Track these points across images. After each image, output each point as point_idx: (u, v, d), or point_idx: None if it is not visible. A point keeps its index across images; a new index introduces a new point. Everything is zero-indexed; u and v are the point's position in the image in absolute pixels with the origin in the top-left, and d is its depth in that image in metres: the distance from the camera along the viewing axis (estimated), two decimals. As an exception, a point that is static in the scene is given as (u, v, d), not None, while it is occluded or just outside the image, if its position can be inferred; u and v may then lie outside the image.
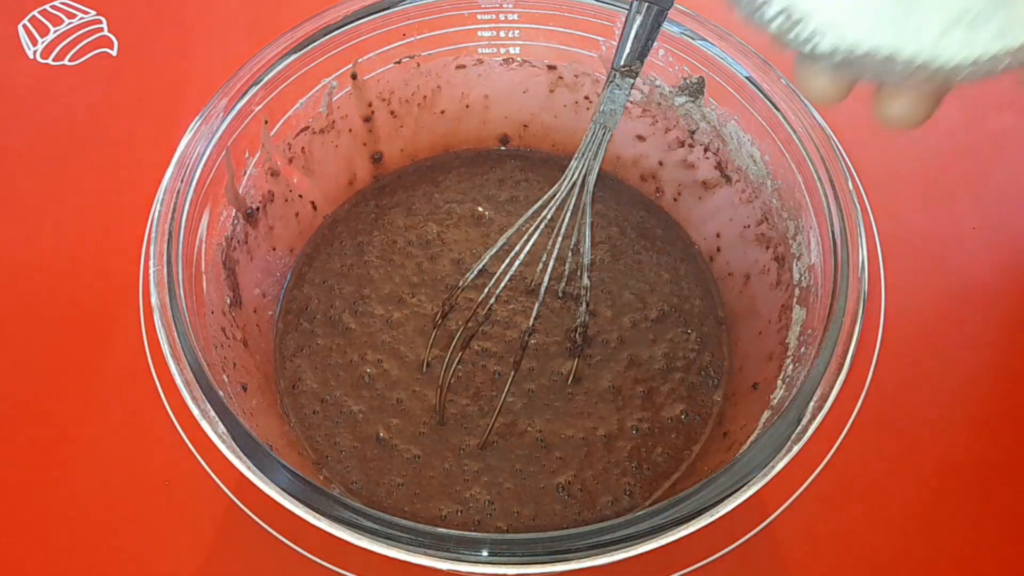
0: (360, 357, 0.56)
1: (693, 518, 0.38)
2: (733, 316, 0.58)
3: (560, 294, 0.57)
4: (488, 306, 0.54)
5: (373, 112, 0.60)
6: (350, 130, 0.60)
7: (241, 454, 0.39)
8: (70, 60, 0.73)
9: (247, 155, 0.53)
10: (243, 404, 0.46)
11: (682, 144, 0.59)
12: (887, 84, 0.31)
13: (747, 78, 0.51)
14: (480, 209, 0.62)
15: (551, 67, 0.60)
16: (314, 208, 0.61)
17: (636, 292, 0.58)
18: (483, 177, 0.64)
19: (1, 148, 0.68)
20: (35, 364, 0.58)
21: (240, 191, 0.53)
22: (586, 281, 0.54)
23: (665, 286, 0.59)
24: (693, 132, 0.58)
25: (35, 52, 0.73)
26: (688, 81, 0.55)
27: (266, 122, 0.53)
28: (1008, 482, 0.55)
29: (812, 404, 0.41)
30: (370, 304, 0.58)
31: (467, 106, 0.63)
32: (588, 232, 0.52)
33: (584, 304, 0.54)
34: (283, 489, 0.39)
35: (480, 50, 0.59)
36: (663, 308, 0.58)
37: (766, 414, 0.46)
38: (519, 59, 0.60)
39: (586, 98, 0.61)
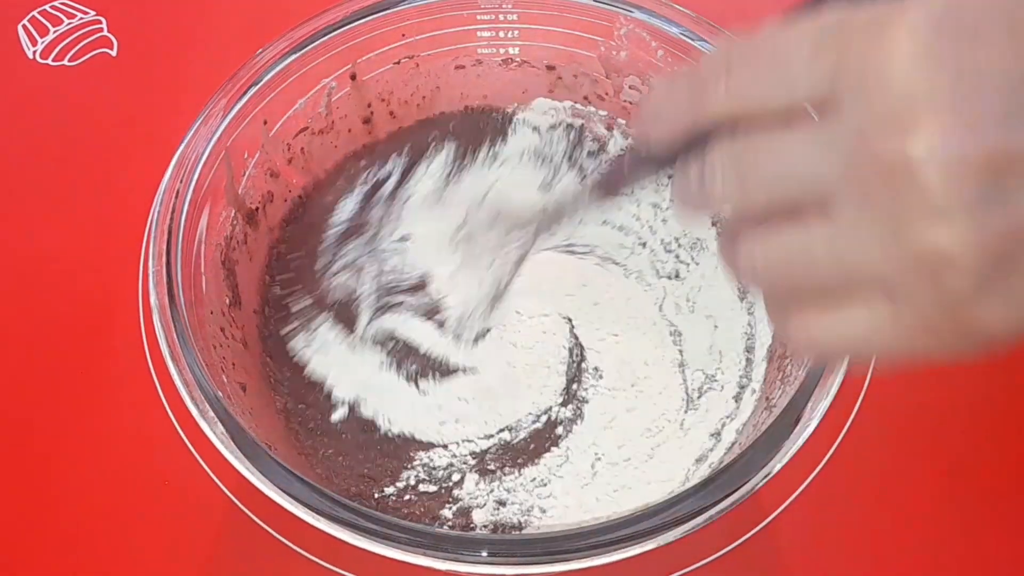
0: (356, 356, 0.56)
1: (692, 518, 0.38)
2: (732, 316, 0.58)
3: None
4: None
5: (372, 113, 0.60)
6: (349, 131, 0.60)
7: (241, 455, 0.39)
8: (70, 60, 0.73)
9: (246, 156, 0.53)
10: (242, 404, 0.46)
11: (681, 145, 0.59)
12: None
13: (746, 79, 0.51)
14: None
15: (550, 67, 0.60)
16: (313, 208, 0.61)
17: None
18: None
19: (0, 148, 0.68)
20: (33, 364, 0.58)
21: (239, 191, 0.53)
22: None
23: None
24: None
25: (35, 52, 0.73)
26: (687, 81, 0.55)
27: (265, 123, 0.53)
28: (1008, 482, 0.55)
29: (810, 404, 0.41)
30: (367, 302, 0.58)
31: (466, 107, 0.63)
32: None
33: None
34: (283, 490, 0.39)
35: (479, 50, 0.59)
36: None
37: (764, 414, 0.46)
38: (518, 59, 0.60)
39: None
